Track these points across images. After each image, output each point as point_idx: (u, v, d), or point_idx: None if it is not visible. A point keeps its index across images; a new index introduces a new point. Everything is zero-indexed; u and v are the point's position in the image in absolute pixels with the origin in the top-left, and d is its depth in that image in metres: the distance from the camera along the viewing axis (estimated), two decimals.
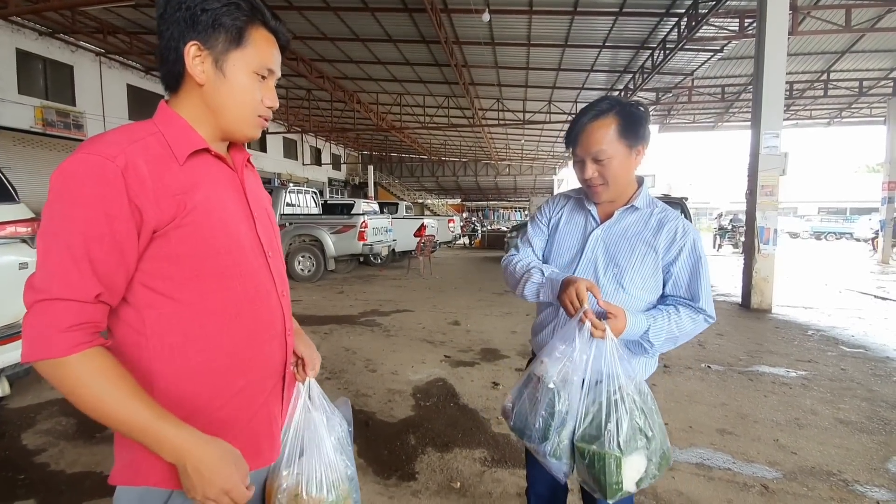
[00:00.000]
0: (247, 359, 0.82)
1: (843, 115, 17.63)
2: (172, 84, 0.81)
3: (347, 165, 33.48)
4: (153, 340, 0.75)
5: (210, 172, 0.81)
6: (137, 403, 0.68)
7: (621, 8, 9.48)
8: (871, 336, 5.19)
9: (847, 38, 10.87)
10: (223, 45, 0.78)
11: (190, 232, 0.75)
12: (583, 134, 1.16)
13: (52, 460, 2.41)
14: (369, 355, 4.26)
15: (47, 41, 13.46)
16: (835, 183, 42.84)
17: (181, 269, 0.75)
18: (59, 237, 0.68)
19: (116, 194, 0.69)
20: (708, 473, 2.35)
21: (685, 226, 1.20)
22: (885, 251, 13.68)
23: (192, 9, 0.76)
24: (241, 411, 0.82)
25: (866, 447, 2.66)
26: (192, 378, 0.77)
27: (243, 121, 0.83)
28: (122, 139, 0.73)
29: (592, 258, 1.24)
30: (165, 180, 0.73)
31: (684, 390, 3.48)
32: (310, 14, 10.89)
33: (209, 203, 0.78)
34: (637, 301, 1.22)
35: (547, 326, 1.32)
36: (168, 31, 0.77)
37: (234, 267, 0.80)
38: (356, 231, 9.03)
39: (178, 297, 0.76)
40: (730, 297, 7.72)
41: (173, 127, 0.79)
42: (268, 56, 0.82)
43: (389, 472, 2.35)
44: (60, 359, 0.66)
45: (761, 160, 6.54)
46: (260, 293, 0.84)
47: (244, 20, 0.79)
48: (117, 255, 0.70)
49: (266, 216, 0.91)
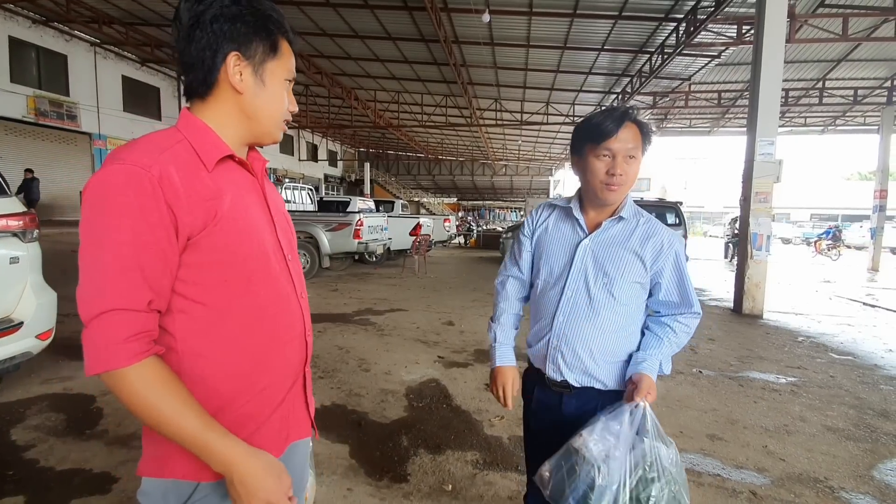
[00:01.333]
0: (269, 359, 0.85)
1: (837, 123, 17.81)
2: (202, 91, 0.83)
3: (344, 162, 33.36)
4: (182, 343, 0.78)
5: (234, 178, 0.83)
6: (189, 413, 0.71)
7: (621, 11, 9.52)
8: (859, 343, 5.25)
9: (843, 46, 10.98)
10: (261, 56, 0.82)
11: (219, 239, 0.77)
12: (622, 130, 1.17)
13: (41, 457, 2.39)
14: (363, 355, 4.25)
15: (41, 29, 13.29)
16: (827, 189, 43.27)
17: (210, 274, 0.78)
18: (106, 248, 0.70)
19: (156, 203, 0.71)
20: (697, 479, 2.37)
21: (670, 236, 1.25)
22: (874, 258, 13.84)
23: (232, 20, 0.79)
24: (264, 407, 0.85)
25: (853, 454, 2.70)
26: (217, 378, 0.80)
27: (275, 125, 0.88)
28: (152, 148, 0.74)
29: (582, 268, 1.26)
30: (196, 188, 0.75)
31: (676, 395, 3.50)
32: (309, 10, 10.85)
33: (235, 209, 0.80)
34: (626, 308, 1.25)
35: (543, 339, 1.32)
36: (204, 40, 0.79)
37: (259, 272, 0.83)
38: (351, 229, 9.01)
39: (205, 301, 0.78)
40: (722, 301, 7.79)
41: (199, 134, 0.80)
42: (292, 64, 0.88)
43: (381, 473, 2.35)
44: (120, 370, 0.69)
45: (756, 167, 6.59)
46: (281, 296, 0.87)
47: (277, 32, 0.84)
48: (163, 261, 0.72)
49: (284, 220, 0.95)
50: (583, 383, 1.27)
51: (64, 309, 5.45)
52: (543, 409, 1.35)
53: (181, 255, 0.75)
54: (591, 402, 1.27)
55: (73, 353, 4.00)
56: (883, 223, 14.07)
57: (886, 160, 14.06)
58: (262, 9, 0.82)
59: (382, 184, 34.67)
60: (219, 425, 0.74)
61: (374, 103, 18.91)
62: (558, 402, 1.31)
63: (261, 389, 0.85)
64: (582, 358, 1.26)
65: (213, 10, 0.78)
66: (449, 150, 31.76)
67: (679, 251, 1.25)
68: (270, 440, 0.86)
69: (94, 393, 3.17)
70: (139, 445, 2.51)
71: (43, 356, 3.73)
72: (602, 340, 1.25)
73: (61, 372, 3.55)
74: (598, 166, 1.20)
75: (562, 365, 1.28)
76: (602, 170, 1.20)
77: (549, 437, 1.35)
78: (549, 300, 1.30)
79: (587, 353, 1.25)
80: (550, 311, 1.29)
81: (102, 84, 15.22)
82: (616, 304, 1.23)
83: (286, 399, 0.90)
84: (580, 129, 1.26)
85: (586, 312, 1.24)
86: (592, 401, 1.27)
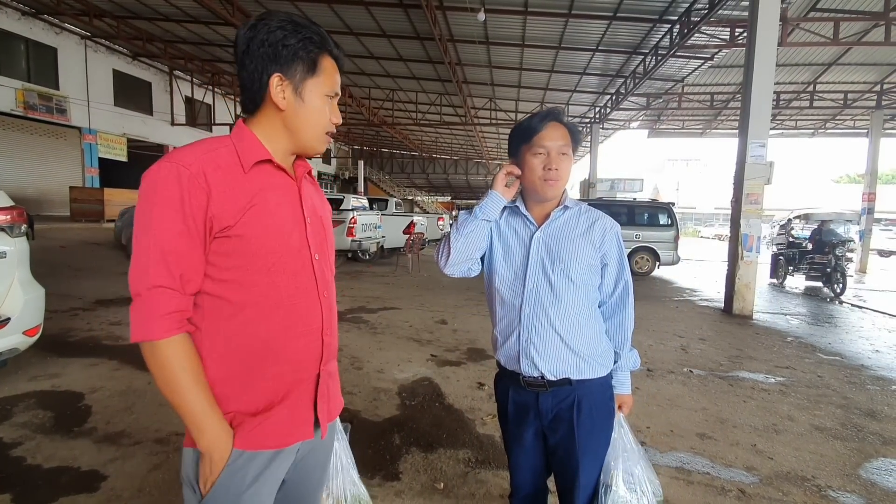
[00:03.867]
0: (280, 347, 0.92)
1: (827, 126, 18.03)
2: (251, 108, 0.94)
3: (338, 160, 33.22)
4: (207, 322, 0.88)
5: (270, 181, 0.93)
6: (199, 393, 0.84)
7: (615, 12, 9.55)
8: (847, 344, 5.33)
9: (834, 50, 11.11)
10: (301, 75, 0.91)
11: (246, 230, 0.86)
12: (550, 129, 1.28)
13: (28, 454, 2.36)
14: (355, 353, 4.24)
15: (30, 21, 13.11)
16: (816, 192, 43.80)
17: (235, 262, 0.87)
18: (150, 233, 0.82)
19: (191, 196, 0.82)
20: (687, 477, 2.39)
21: (611, 221, 1.37)
22: (862, 260, 14.04)
23: (274, 45, 0.89)
24: (274, 393, 0.92)
25: (840, 453, 2.74)
26: (230, 357, 0.89)
27: (316, 138, 0.96)
28: (199, 150, 0.87)
29: (539, 259, 1.32)
30: (231, 185, 0.86)
31: (666, 394, 3.53)
32: (303, 5, 10.79)
33: (265, 207, 0.89)
34: (585, 290, 1.32)
35: (512, 335, 1.33)
36: (252, 65, 0.90)
37: (279, 265, 0.91)
38: (345, 227, 8.99)
39: (228, 286, 0.88)
40: (713, 302, 7.86)
41: (245, 141, 0.92)
42: (335, 80, 0.96)
43: (373, 471, 2.35)
44: (156, 341, 0.82)
45: (747, 169, 6.66)
46: (300, 290, 0.94)
47: (317, 52, 0.92)
48: (197, 248, 0.84)
49: (320, 223, 1.02)
50: (558, 374, 1.29)
51: (52, 305, 5.39)
52: (521, 411, 1.36)
53: (212, 243, 0.85)
54: (568, 397, 1.30)
55: (62, 349, 3.96)
56: (871, 225, 14.27)
57: (875, 163, 14.26)
58: (303, 32, 0.90)
59: (376, 182, 34.57)
60: (220, 412, 0.86)
61: (368, 101, 18.85)
62: (535, 400, 1.33)
63: (271, 375, 0.91)
64: (554, 344, 1.29)
65: (260, 35, 0.89)
66: (443, 149, 31.74)
67: (618, 233, 1.37)
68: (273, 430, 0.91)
69: (83, 390, 3.13)
70: (128, 443, 2.51)
71: (31, 352, 3.68)
72: (569, 324, 1.30)
73: (49, 368, 3.51)
74: (534, 163, 1.29)
75: (535, 357, 1.29)
76: (539, 166, 1.29)
77: (530, 439, 1.36)
78: (513, 294, 1.33)
79: (558, 339, 1.29)
80: (516, 305, 1.32)
81: (93, 78, 15.03)
82: (575, 288, 1.30)
83: (293, 392, 0.94)
84: (513, 133, 1.36)
85: (550, 299, 1.29)
86: (568, 396, 1.30)
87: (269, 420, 0.91)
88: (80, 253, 9.31)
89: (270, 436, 0.91)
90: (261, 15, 0.91)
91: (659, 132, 20.10)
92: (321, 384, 0.99)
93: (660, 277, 10.97)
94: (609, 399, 1.36)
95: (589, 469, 1.31)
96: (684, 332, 5.56)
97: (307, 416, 0.97)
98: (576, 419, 1.29)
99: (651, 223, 10.94)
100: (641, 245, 10.75)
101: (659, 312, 6.75)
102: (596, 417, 1.31)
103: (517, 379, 1.34)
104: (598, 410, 1.32)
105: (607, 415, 1.34)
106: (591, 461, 1.31)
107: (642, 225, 10.90)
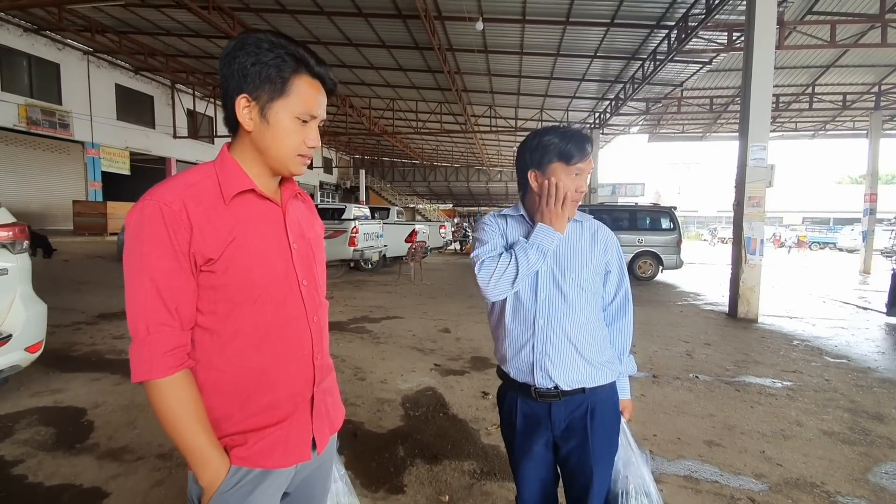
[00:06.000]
0: (273, 377, 0.91)
1: (826, 128, 18.04)
2: (231, 129, 0.93)
3: (339, 169, 33.37)
4: (200, 354, 0.88)
5: (252, 210, 0.91)
6: (200, 430, 0.84)
7: (613, 19, 9.61)
8: (853, 346, 5.28)
9: (832, 52, 11.14)
10: (268, 96, 0.87)
11: (230, 265, 0.86)
12: (590, 152, 1.31)
13: (29, 472, 2.35)
14: (358, 363, 4.23)
15: (32, 38, 13.27)
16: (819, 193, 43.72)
17: (221, 295, 0.87)
18: (143, 272, 0.82)
19: (175, 233, 0.82)
20: (696, 486, 2.36)
21: (609, 231, 1.41)
22: (866, 260, 13.96)
23: (244, 65, 0.86)
24: (269, 418, 0.92)
25: (848, 458, 2.70)
26: (224, 389, 0.89)
27: (287, 159, 0.92)
28: (179, 185, 0.86)
29: (549, 269, 1.32)
30: (212, 219, 0.85)
31: (672, 401, 3.50)
32: (303, 18, 10.89)
33: (248, 238, 0.88)
34: (594, 297, 1.35)
35: (524, 347, 1.32)
36: (226, 84, 0.89)
37: (265, 296, 0.90)
38: (347, 236, 8.99)
39: (216, 320, 0.87)
40: (717, 305, 7.82)
41: (226, 170, 0.90)
42: (310, 102, 0.90)
43: (377, 484, 2.32)
44: (156, 381, 0.82)
45: (748, 172, 6.64)
46: (289, 318, 0.93)
47: (289, 72, 0.88)
48: (191, 282, 0.85)
49: (307, 247, 1.00)
50: (573, 385, 1.29)
51: (55, 319, 5.40)
52: (532, 422, 1.34)
53: (198, 277, 0.85)
54: (581, 406, 1.30)
55: (65, 364, 3.95)
56: (874, 226, 14.21)
57: (876, 164, 14.23)
58: (276, 52, 0.87)
59: (378, 191, 34.67)
60: (220, 448, 0.87)
61: (368, 111, 18.97)
62: (546, 411, 1.31)
63: (265, 405, 0.91)
64: (569, 354, 1.29)
65: (234, 54, 0.87)
66: (444, 157, 31.85)
67: (617, 242, 1.41)
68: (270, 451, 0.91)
69: (85, 405, 3.12)
70: (130, 459, 2.49)
71: (34, 368, 3.68)
72: (582, 333, 1.30)
73: (52, 384, 3.50)
74: (567, 180, 1.28)
75: (551, 369, 1.28)
76: (572, 187, 1.29)
77: (540, 450, 1.34)
78: (525, 306, 1.32)
79: (572, 349, 1.29)
80: (529, 318, 1.31)
81: (95, 92, 15.18)
82: (587, 296, 1.32)
83: (289, 416, 0.94)
84: (547, 146, 1.28)
85: (564, 309, 1.29)
86: (582, 405, 1.30)
87: (265, 441, 0.91)
88: (84, 266, 9.34)
89: (268, 457, 0.91)
90: (241, 34, 0.89)
91: (659, 136, 20.14)
92: (316, 404, 0.99)
93: (663, 282, 10.93)
94: (617, 404, 1.38)
95: (602, 476, 1.31)
96: (689, 337, 5.52)
97: (304, 438, 0.97)
98: (590, 427, 1.29)
99: (653, 227, 10.92)
100: (644, 250, 10.72)
101: (663, 317, 6.72)
102: (608, 424, 1.32)
103: (527, 390, 1.32)
104: (610, 416, 1.34)
105: (617, 420, 1.36)
106: (604, 468, 1.32)
107: (644, 229, 10.87)
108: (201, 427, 0.84)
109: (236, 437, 0.90)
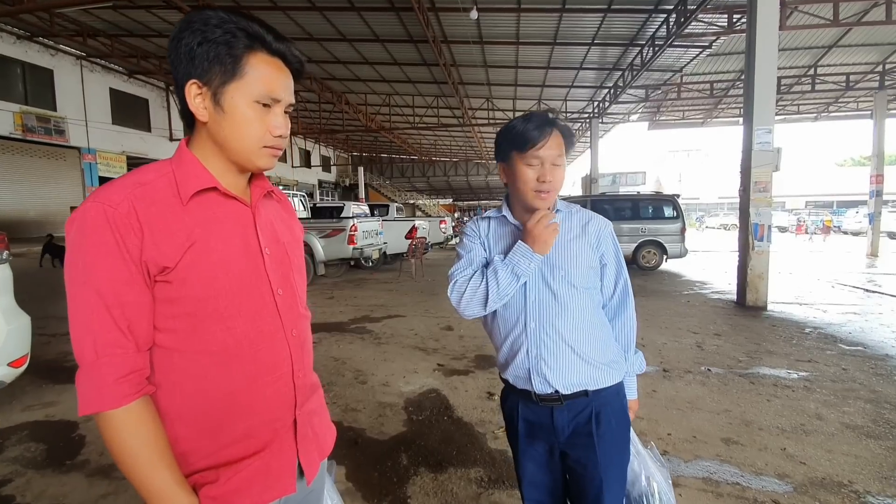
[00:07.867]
0: (247, 402, 0.80)
1: (829, 110, 17.77)
2: (187, 123, 0.81)
3: (337, 167, 33.21)
4: (160, 376, 0.76)
5: (216, 212, 0.79)
6: (163, 469, 0.72)
7: (610, 4, 9.42)
8: (867, 332, 5.14)
9: (834, 32, 10.91)
10: (220, 79, 0.75)
11: (189, 274, 0.75)
12: (547, 138, 1.17)
13: (18, 492, 2.25)
14: (359, 365, 4.11)
15: (25, 45, 13.13)
16: (821, 176, 43.36)
17: (181, 309, 0.75)
18: (87, 286, 0.70)
19: (124, 238, 0.70)
20: (716, 489, 2.23)
21: (603, 219, 1.30)
22: (873, 243, 13.77)
23: (190, 46, 0.74)
24: (245, 449, 0.80)
25: (875, 453, 2.57)
26: (190, 417, 0.77)
27: (249, 152, 0.80)
28: (128, 184, 0.74)
29: (538, 270, 1.23)
30: (167, 222, 0.74)
31: (685, 396, 3.37)
32: (295, 14, 10.73)
33: (209, 243, 0.77)
34: (589, 294, 1.25)
35: (519, 352, 1.23)
36: (175, 72, 0.77)
37: (232, 308, 0.78)
38: (346, 235, 8.87)
39: (177, 337, 0.76)
40: (725, 294, 7.67)
41: (184, 167, 0.79)
42: (272, 83, 0.77)
43: (380, 496, 2.21)
44: (108, 412, 0.70)
45: (754, 156, 6.48)
46: (262, 334, 0.81)
47: (241, 49, 0.75)
48: (146, 294, 0.73)
49: (283, 252, 0.88)
50: (573, 388, 1.20)
51: (50, 329, 5.30)
52: (534, 428, 1.26)
53: (153, 288, 0.74)
54: (585, 410, 1.22)
55: (58, 375, 3.85)
56: (880, 208, 14.01)
57: (881, 145, 14.01)
58: (225, 27, 0.74)
59: (377, 187, 34.52)
60: (187, 486, 0.74)
61: (364, 107, 18.79)
62: (549, 416, 1.23)
63: (241, 434, 0.79)
64: (566, 357, 1.20)
65: (180, 35, 0.75)
66: (442, 151, 31.65)
67: (612, 230, 1.30)
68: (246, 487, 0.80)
69: (77, 419, 3.02)
70: (120, 476, 2.37)
71: (26, 380, 3.58)
72: (578, 333, 1.22)
73: (45, 397, 3.40)
74: (528, 175, 1.19)
75: (547, 373, 1.20)
76: (532, 178, 1.19)
77: (545, 455, 1.26)
78: (515, 310, 1.24)
79: (569, 350, 1.21)
80: (520, 321, 1.23)
81: (90, 97, 15.04)
82: (579, 294, 1.23)
83: (269, 445, 0.82)
84: (504, 136, 1.23)
85: (556, 310, 1.21)
86: (585, 409, 1.22)
87: (241, 475, 0.79)
88: None
89: (244, 494, 0.79)
90: (189, 13, 0.77)
91: (659, 124, 19.91)
92: (301, 427, 0.87)
93: (668, 271, 10.78)
94: (625, 406, 1.28)
95: (614, 486, 1.20)
96: (698, 328, 5.38)
97: (288, 468, 0.85)
98: (595, 432, 1.19)
99: (656, 216, 10.76)
100: (648, 239, 10.57)
101: (670, 308, 6.58)
102: (615, 429, 1.22)
103: (528, 395, 1.23)
104: (617, 420, 1.23)
105: (626, 424, 1.26)
106: (616, 477, 1.22)
107: (647, 218, 10.72)
108: (163, 464, 0.72)
109: (207, 472, 0.78)
